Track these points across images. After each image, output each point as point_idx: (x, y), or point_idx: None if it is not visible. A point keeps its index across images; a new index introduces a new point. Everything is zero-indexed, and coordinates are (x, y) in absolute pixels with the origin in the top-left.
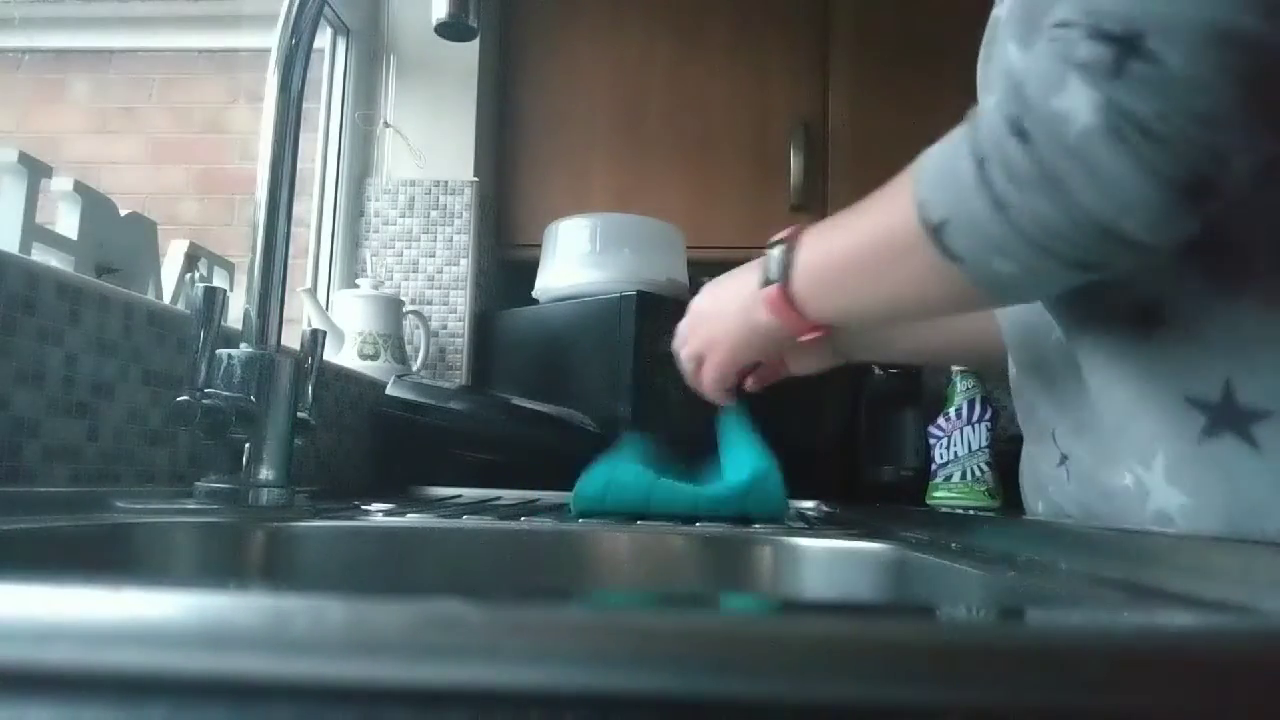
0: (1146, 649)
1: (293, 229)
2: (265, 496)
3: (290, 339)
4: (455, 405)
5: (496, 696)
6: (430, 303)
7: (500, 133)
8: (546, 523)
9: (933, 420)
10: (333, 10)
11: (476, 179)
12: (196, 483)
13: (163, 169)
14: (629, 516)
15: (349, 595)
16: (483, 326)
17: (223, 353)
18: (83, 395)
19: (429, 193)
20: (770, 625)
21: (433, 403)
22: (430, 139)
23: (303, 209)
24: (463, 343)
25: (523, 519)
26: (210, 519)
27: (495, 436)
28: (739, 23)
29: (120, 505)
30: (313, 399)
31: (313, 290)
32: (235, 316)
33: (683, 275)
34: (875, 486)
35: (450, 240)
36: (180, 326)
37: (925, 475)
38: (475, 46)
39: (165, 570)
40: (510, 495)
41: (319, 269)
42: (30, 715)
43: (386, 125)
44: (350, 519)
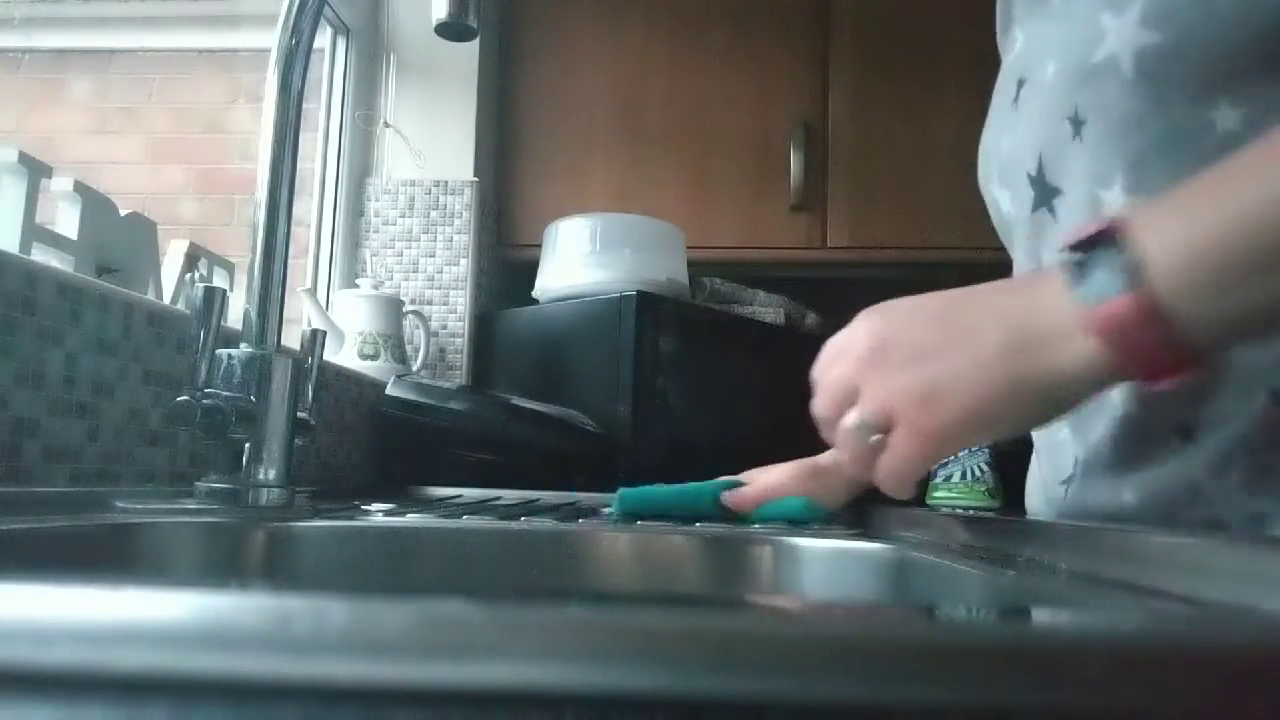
0: (1146, 649)
1: (293, 229)
2: (265, 496)
3: (290, 339)
4: (455, 405)
5: (497, 696)
6: (430, 303)
7: (500, 133)
8: (546, 523)
9: None
10: (333, 10)
11: (476, 179)
12: (196, 483)
13: (163, 169)
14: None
15: (350, 595)
16: (483, 326)
17: (223, 353)
18: (83, 395)
19: (429, 193)
20: (770, 625)
21: (433, 403)
22: (430, 139)
23: (303, 209)
24: (463, 343)
25: (523, 519)
26: (210, 519)
27: (495, 436)
28: (739, 23)
29: (120, 505)
30: (313, 399)
31: (313, 290)
32: (235, 316)
33: (683, 275)
34: (875, 486)
35: (450, 240)
36: (180, 326)
37: (925, 475)
38: (475, 46)
39: (165, 570)
40: (510, 495)
41: (319, 269)
42: (30, 715)
43: (386, 125)
44: (350, 519)
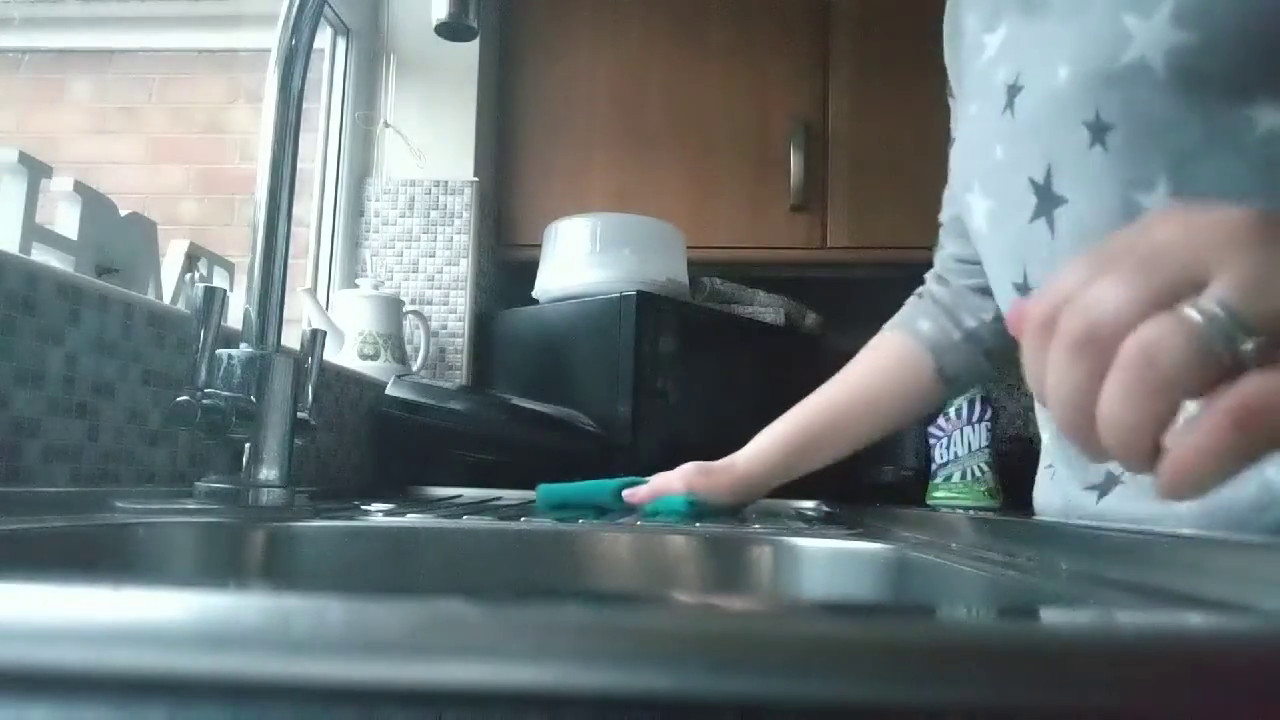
0: (1146, 649)
1: (293, 229)
2: (265, 496)
3: (290, 339)
4: (455, 405)
5: (496, 696)
6: (430, 303)
7: (500, 133)
8: (546, 523)
9: (933, 420)
10: (333, 10)
11: (476, 179)
12: (196, 483)
13: (163, 169)
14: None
15: (349, 595)
16: (483, 326)
17: (223, 353)
18: (83, 395)
19: (429, 193)
20: (770, 625)
21: (433, 403)
22: (430, 139)
23: (303, 209)
24: (463, 343)
25: (523, 519)
26: (210, 519)
27: (495, 436)
28: (739, 23)
29: (120, 505)
30: (313, 399)
31: (313, 290)
32: (235, 316)
33: (683, 275)
34: (875, 486)
35: (450, 240)
36: (180, 326)
37: (925, 475)
38: (475, 46)
39: (165, 570)
40: (510, 495)
41: (319, 269)
42: (30, 715)
43: (386, 125)
44: (350, 519)
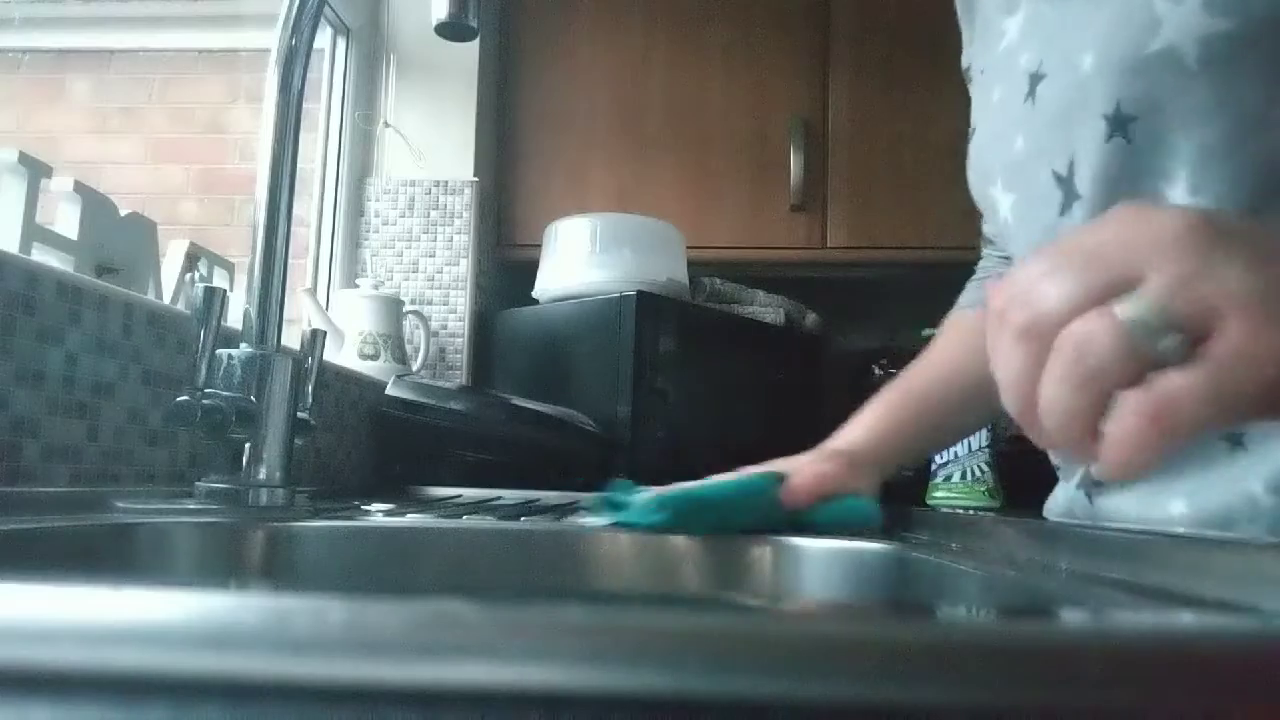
0: (1146, 649)
1: (293, 229)
2: (265, 496)
3: (290, 339)
4: (455, 405)
5: (496, 696)
6: (430, 303)
7: (500, 133)
8: (546, 523)
9: None
10: (333, 10)
11: (476, 179)
12: (196, 483)
13: (163, 169)
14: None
15: (349, 595)
16: (483, 326)
17: (223, 353)
18: (83, 395)
19: (429, 193)
20: (770, 625)
21: (433, 403)
22: (430, 139)
23: (303, 209)
24: (463, 343)
25: (523, 519)
26: (210, 519)
27: (495, 436)
28: (739, 22)
29: (120, 505)
30: (313, 399)
31: (313, 290)
32: (235, 316)
33: (683, 275)
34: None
35: (450, 240)
36: (180, 326)
37: (925, 475)
38: (475, 46)
39: (165, 570)
40: (510, 495)
41: (319, 269)
42: (30, 715)
43: (386, 125)
44: (350, 519)
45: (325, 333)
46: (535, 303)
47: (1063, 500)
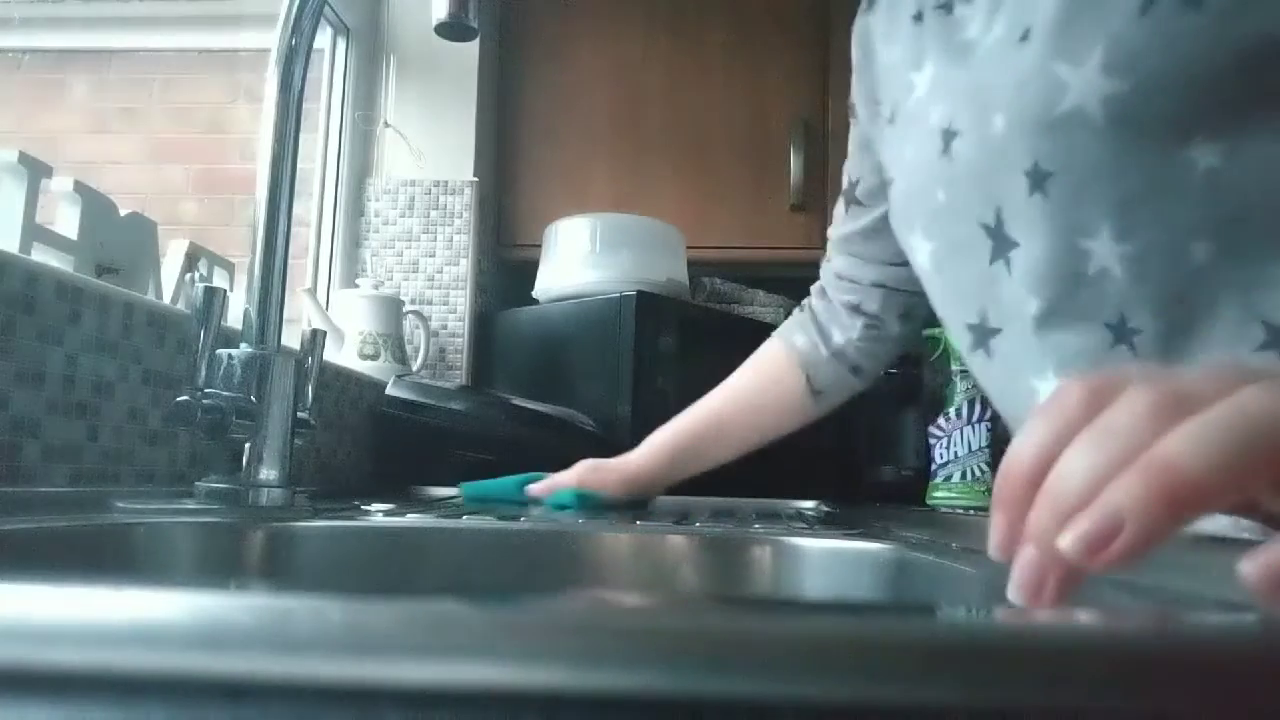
0: (1147, 649)
1: (293, 229)
2: (265, 496)
3: (290, 339)
4: (455, 405)
5: (495, 697)
6: (430, 303)
7: (500, 133)
8: (546, 523)
9: (933, 420)
10: (333, 10)
11: (476, 179)
12: (196, 483)
13: (163, 169)
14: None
15: (348, 595)
16: (483, 326)
17: (223, 353)
18: (83, 395)
19: (429, 193)
20: (770, 625)
21: (433, 403)
22: (430, 139)
23: (303, 209)
24: (463, 343)
25: (523, 519)
26: (210, 519)
27: (495, 436)
28: (739, 23)
29: (120, 505)
30: (313, 399)
31: (313, 290)
32: (235, 316)
33: (683, 275)
34: (875, 486)
35: (450, 240)
36: (180, 326)
37: (925, 475)
38: (475, 46)
39: (165, 570)
40: None
41: (319, 269)
42: (30, 715)
43: (386, 125)
44: (350, 519)
45: (325, 333)
46: (535, 303)
47: None
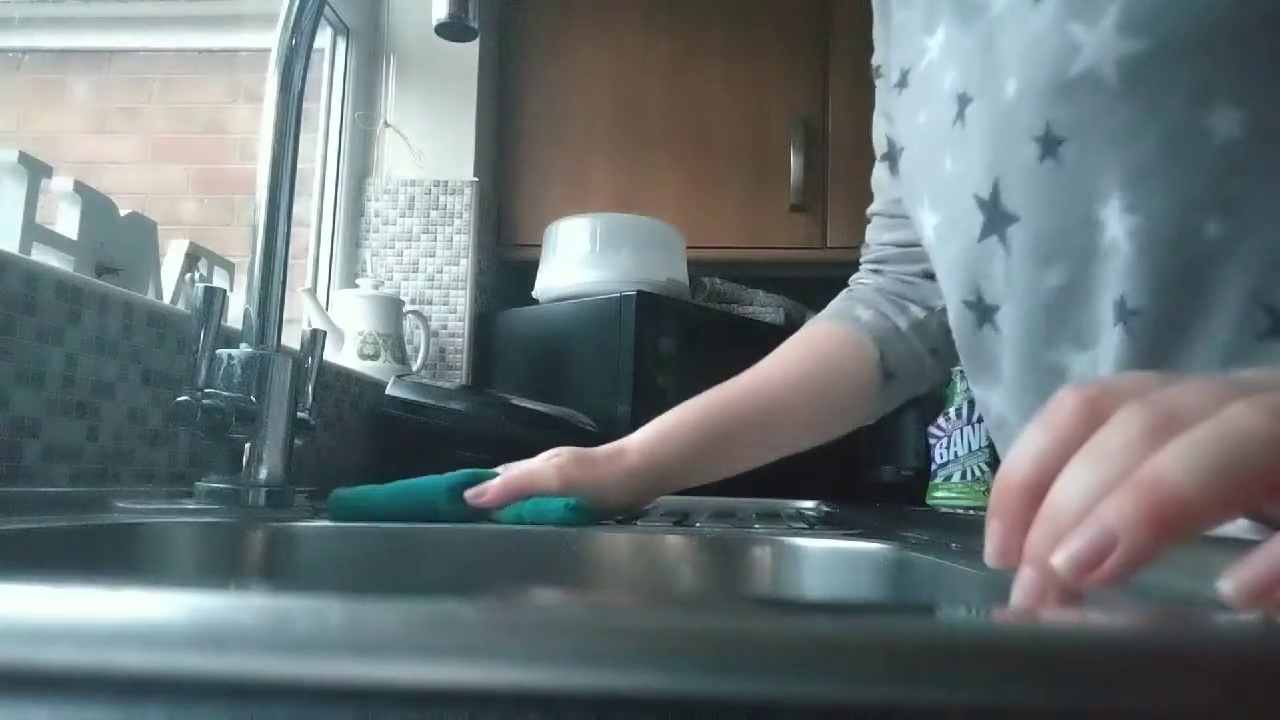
0: (1146, 649)
1: (293, 229)
2: (265, 496)
3: (290, 339)
4: (455, 405)
5: (496, 697)
6: (430, 303)
7: (500, 133)
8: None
9: (933, 420)
10: (333, 10)
11: (476, 179)
12: (196, 483)
13: (163, 169)
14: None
15: (349, 596)
16: (483, 326)
17: (223, 353)
18: (83, 395)
19: (429, 193)
20: (770, 625)
21: (433, 403)
22: (430, 139)
23: (303, 209)
24: (463, 343)
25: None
26: (210, 519)
27: (495, 436)
28: (739, 22)
29: (120, 505)
30: (313, 399)
31: (313, 290)
32: (235, 316)
33: (683, 275)
34: (875, 486)
35: (450, 240)
36: (180, 326)
37: (925, 475)
38: (475, 46)
39: (165, 570)
40: None
41: (319, 269)
42: (30, 715)
43: (386, 125)
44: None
45: (325, 333)
46: (535, 303)
47: None
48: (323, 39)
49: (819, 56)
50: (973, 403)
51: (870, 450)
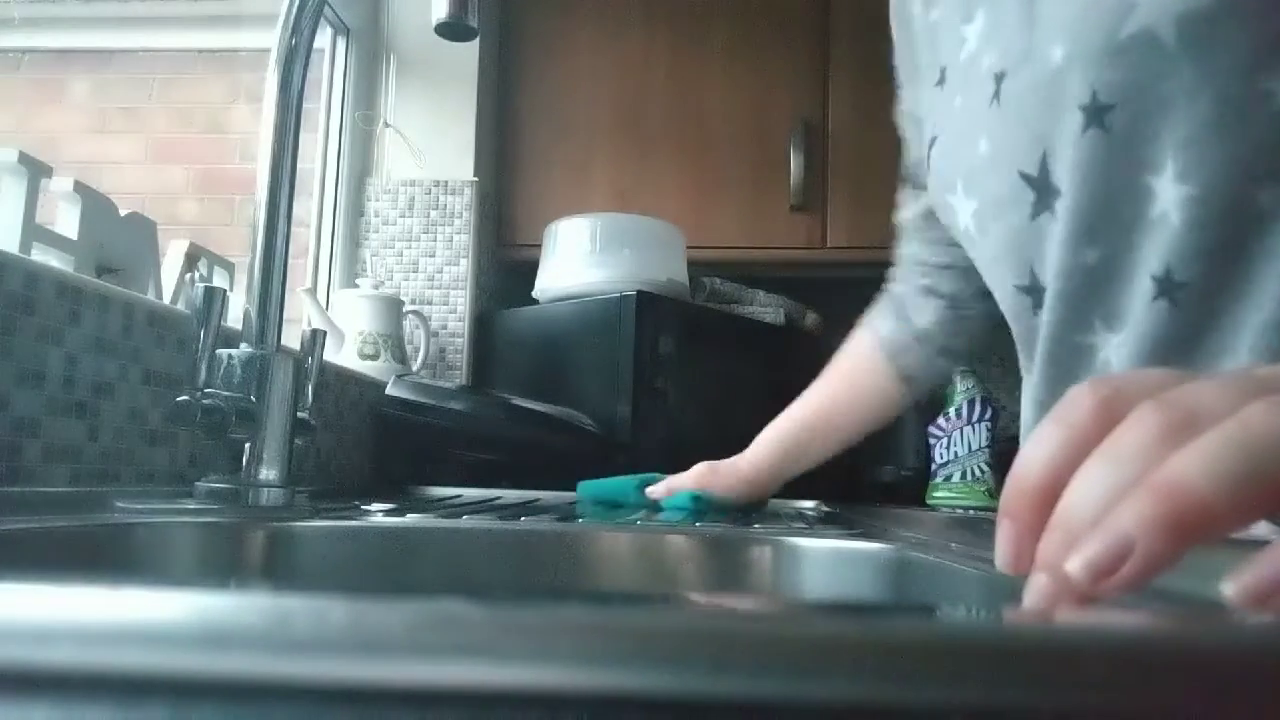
0: (1146, 649)
1: (293, 229)
2: (265, 496)
3: (290, 339)
4: (455, 405)
5: (497, 696)
6: (430, 303)
7: (500, 133)
8: (546, 523)
9: (933, 420)
10: (333, 10)
11: (476, 179)
12: (196, 483)
13: (163, 169)
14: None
15: (349, 595)
16: (483, 326)
17: (223, 353)
18: (83, 395)
19: (429, 193)
20: (770, 625)
21: (433, 403)
22: (430, 139)
23: (303, 209)
24: (463, 343)
25: (523, 519)
26: (210, 519)
27: (495, 436)
28: (739, 23)
29: (120, 505)
30: (313, 399)
31: (313, 290)
32: (235, 316)
33: (683, 275)
34: (875, 486)
35: (450, 240)
36: (180, 326)
37: (925, 475)
38: (475, 46)
39: (165, 570)
40: (510, 495)
41: (319, 269)
42: (30, 715)
43: (386, 125)
44: (350, 519)
45: (325, 333)
46: (535, 303)
47: None
48: (323, 39)
49: (819, 56)
50: (972, 402)
51: (870, 450)
